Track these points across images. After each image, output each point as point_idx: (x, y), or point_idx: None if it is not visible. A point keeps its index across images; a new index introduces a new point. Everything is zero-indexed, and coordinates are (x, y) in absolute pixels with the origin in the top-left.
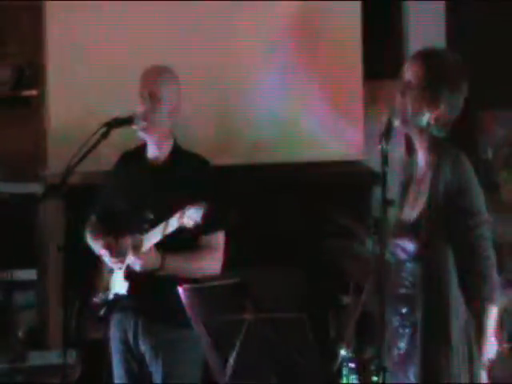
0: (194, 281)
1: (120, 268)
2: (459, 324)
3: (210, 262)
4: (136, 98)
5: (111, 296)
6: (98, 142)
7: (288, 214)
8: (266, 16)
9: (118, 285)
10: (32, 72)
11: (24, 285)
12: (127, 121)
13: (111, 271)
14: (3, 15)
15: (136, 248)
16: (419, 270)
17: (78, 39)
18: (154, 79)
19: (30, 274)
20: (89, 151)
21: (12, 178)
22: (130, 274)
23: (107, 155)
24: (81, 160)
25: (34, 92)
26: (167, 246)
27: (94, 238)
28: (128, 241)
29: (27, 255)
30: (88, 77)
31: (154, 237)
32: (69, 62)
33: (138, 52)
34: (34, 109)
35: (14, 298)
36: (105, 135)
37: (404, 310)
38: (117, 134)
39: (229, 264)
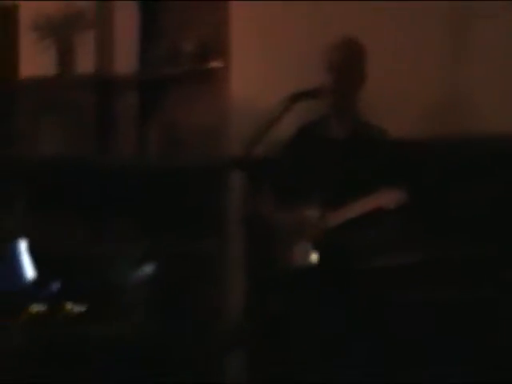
0: None
1: (306, 241)
2: None
3: None
4: (317, 71)
5: (296, 268)
6: (282, 115)
7: None
8: None
9: (305, 257)
10: (216, 45)
11: (206, 257)
12: (312, 94)
13: (292, 244)
14: None
15: (323, 222)
16: None
17: (262, 12)
18: (342, 51)
19: (212, 246)
20: (272, 125)
21: (196, 151)
22: (318, 246)
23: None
24: (264, 133)
25: (217, 66)
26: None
27: (275, 210)
28: (314, 214)
29: (210, 227)
30: (270, 49)
31: (346, 213)
32: (252, 34)
33: (320, 24)
34: (218, 82)
35: (196, 269)
36: (288, 109)
37: None
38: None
39: None
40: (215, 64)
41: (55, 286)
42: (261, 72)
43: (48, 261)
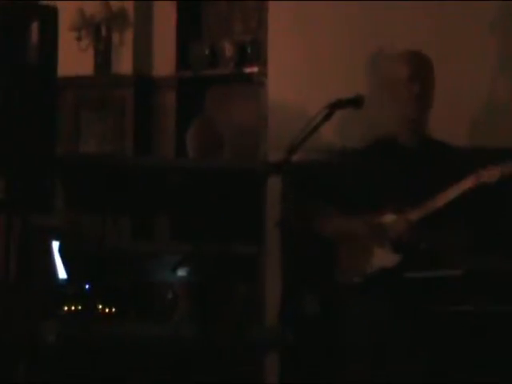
0: None
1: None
2: None
3: None
4: (358, 77)
5: (374, 271)
6: (321, 123)
7: None
8: None
9: (383, 259)
10: (254, 49)
11: (244, 260)
12: (353, 102)
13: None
14: None
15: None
16: None
17: (300, 16)
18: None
19: (250, 249)
20: (312, 132)
21: (235, 154)
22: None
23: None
24: (303, 141)
25: (255, 69)
26: None
27: (346, 217)
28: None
29: (249, 231)
30: (309, 54)
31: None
32: (290, 39)
33: (362, 30)
34: (256, 85)
35: (234, 272)
36: (328, 117)
37: None
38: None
39: None
40: (254, 68)
41: (88, 285)
42: (298, 77)
43: (84, 260)
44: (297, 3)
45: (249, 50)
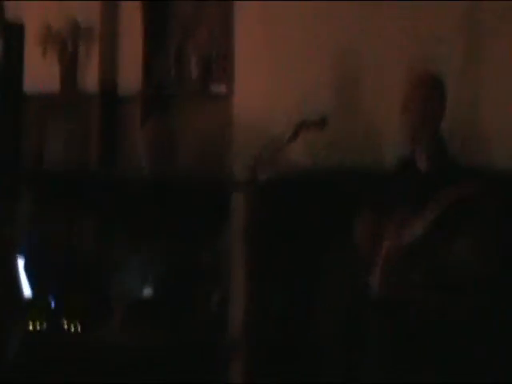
0: None
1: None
2: None
3: None
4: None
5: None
6: (287, 143)
7: None
8: None
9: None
10: (220, 66)
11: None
12: (318, 124)
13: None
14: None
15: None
16: None
17: (267, 33)
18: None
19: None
20: (277, 151)
21: (200, 169)
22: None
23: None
24: (269, 159)
25: (221, 85)
26: None
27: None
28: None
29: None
30: (274, 72)
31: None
32: (256, 56)
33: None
34: (221, 102)
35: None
36: (294, 137)
37: None
38: None
39: None
40: (219, 85)
41: (53, 301)
42: (264, 94)
43: (48, 275)
44: (263, 19)
45: (214, 66)
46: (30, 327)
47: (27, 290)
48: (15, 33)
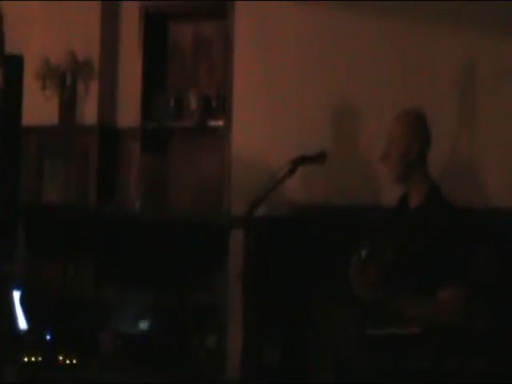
0: None
1: None
2: None
3: None
4: (321, 133)
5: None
6: (284, 178)
7: None
8: None
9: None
10: (219, 102)
11: (204, 309)
12: (317, 159)
13: None
14: (196, 46)
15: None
16: None
17: (265, 71)
18: (402, 124)
19: (210, 299)
20: (275, 187)
21: (198, 206)
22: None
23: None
24: (266, 195)
25: (219, 122)
26: None
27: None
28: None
29: (211, 281)
30: (273, 109)
31: None
32: (254, 93)
33: (326, 86)
34: (220, 138)
35: (194, 321)
36: (291, 172)
37: None
38: None
39: None
40: (218, 121)
41: (49, 335)
42: (262, 131)
43: (44, 309)
44: (262, 59)
45: (213, 103)
46: (26, 359)
47: (23, 323)
48: (15, 65)
